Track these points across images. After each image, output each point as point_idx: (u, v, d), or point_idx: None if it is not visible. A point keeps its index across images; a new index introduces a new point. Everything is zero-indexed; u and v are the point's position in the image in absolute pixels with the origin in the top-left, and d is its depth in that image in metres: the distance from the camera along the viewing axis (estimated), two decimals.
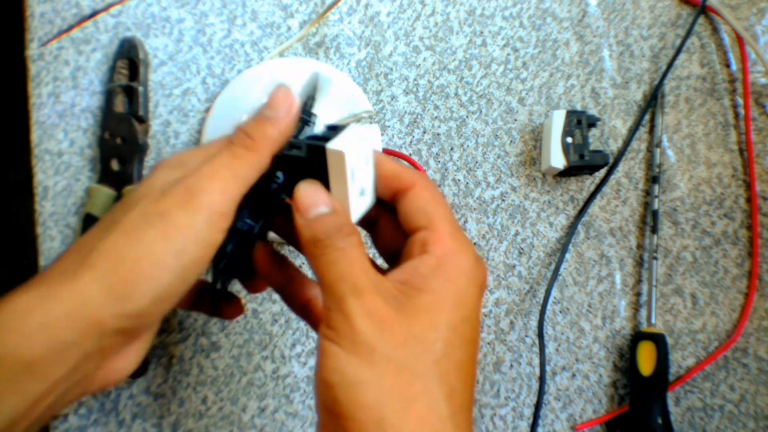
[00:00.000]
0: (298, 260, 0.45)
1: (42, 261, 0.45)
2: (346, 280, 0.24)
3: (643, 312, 0.45)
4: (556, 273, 0.45)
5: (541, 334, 0.44)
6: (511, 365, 0.45)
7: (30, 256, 0.45)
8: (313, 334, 0.45)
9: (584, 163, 0.44)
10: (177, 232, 0.24)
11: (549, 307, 0.45)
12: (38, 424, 0.25)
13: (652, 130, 0.47)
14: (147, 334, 0.28)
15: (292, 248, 0.45)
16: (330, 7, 0.47)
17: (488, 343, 0.45)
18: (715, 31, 0.48)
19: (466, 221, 0.46)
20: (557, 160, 0.44)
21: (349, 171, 0.25)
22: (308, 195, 0.26)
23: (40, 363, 0.23)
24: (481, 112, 0.47)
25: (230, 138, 0.27)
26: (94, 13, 0.47)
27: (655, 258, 0.45)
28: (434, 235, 0.26)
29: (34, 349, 0.23)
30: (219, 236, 0.25)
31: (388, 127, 0.47)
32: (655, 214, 0.46)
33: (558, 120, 0.44)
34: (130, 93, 0.45)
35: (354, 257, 0.24)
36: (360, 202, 0.27)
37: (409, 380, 0.22)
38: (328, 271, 0.24)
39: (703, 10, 0.48)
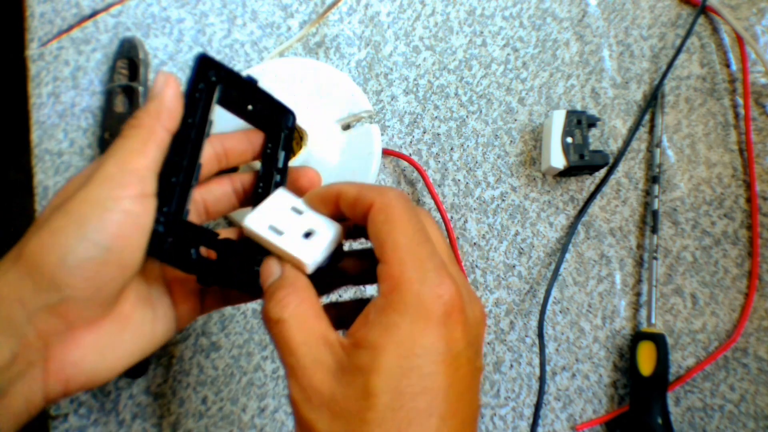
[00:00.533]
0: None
1: None
2: (287, 359, 0.24)
3: (643, 312, 0.45)
4: (556, 273, 0.45)
5: (541, 334, 0.44)
6: (511, 365, 0.45)
7: None
8: None
9: (584, 163, 0.44)
10: (75, 205, 0.25)
11: (549, 307, 0.45)
12: None
13: (652, 130, 0.47)
14: (110, 326, 0.27)
15: None
16: (330, 7, 0.47)
17: (488, 343, 0.45)
18: (715, 31, 0.48)
19: (466, 221, 0.46)
20: (557, 160, 0.44)
21: (263, 234, 0.28)
22: (265, 268, 0.27)
23: None
24: (481, 112, 0.47)
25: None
26: (94, 13, 0.47)
27: (655, 258, 0.45)
28: (384, 269, 0.24)
29: None
30: (125, 203, 0.25)
31: (388, 127, 0.47)
32: (655, 214, 0.46)
33: (558, 120, 0.44)
34: (130, 93, 0.45)
35: (293, 329, 0.24)
36: (311, 245, 0.28)
37: None
38: (278, 347, 0.24)
39: (703, 10, 0.48)
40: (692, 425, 0.45)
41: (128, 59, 0.46)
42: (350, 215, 0.27)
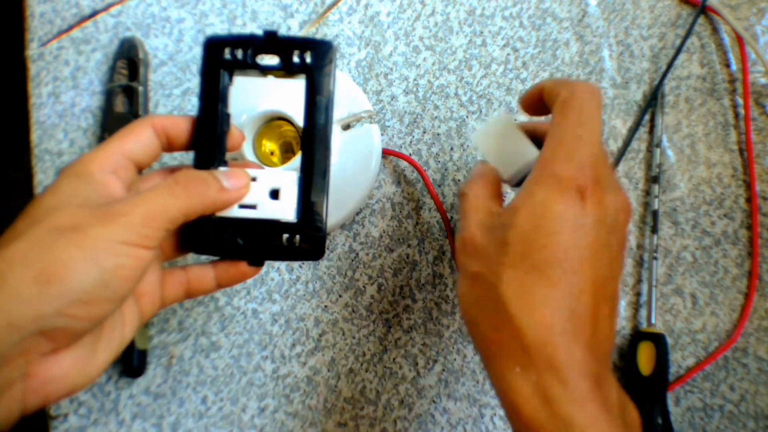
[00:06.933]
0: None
1: None
2: (461, 221, 0.31)
3: (643, 312, 0.45)
4: None
5: None
6: None
7: None
8: (313, 335, 0.45)
9: None
10: (92, 243, 0.25)
11: None
12: None
13: (652, 130, 0.47)
14: (88, 339, 0.27)
15: None
16: (330, 7, 0.47)
17: None
18: (715, 31, 0.48)
19: None
20: None
21: (237, 215, 0.31)
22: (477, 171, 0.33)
23: None
24: (481, 112, 0.47)
25: (176, 177, 0.28)
26: (94, 13, 0.47)
27: (655, 258, 0.45)
28: (541, 152, 0.29)
29: None
30: (142, 254, 0.26)
31: (388, 127, 0.47)
32: (655, 214, 0.46)
33: None
34: (130, 93, 0.45)
35: (470, 201, 0.31)
36: (283, 202, 0.31)
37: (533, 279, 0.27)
38: (459, 213, 0.31)
39: (703, 10, 0.48)
40: (692, 425, 0.45)
41: (128, 59, 0.46)
42: (548, 106, 0.32)
